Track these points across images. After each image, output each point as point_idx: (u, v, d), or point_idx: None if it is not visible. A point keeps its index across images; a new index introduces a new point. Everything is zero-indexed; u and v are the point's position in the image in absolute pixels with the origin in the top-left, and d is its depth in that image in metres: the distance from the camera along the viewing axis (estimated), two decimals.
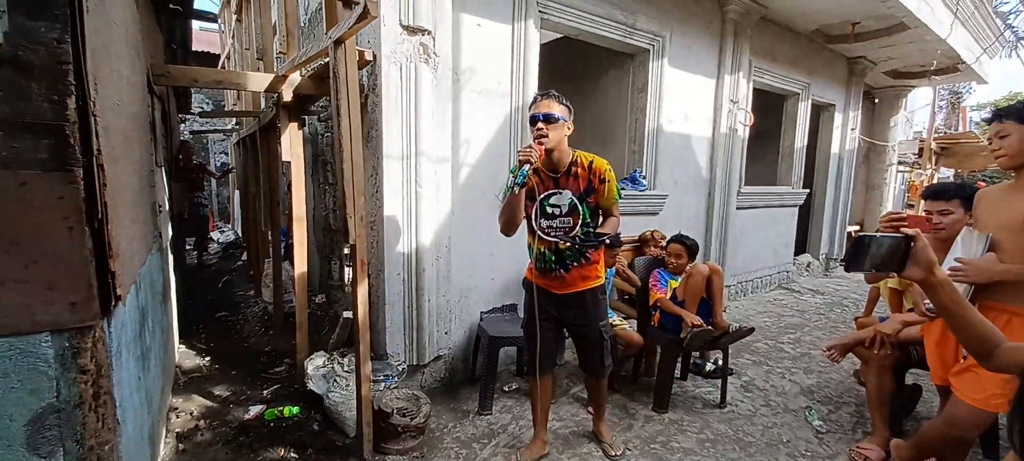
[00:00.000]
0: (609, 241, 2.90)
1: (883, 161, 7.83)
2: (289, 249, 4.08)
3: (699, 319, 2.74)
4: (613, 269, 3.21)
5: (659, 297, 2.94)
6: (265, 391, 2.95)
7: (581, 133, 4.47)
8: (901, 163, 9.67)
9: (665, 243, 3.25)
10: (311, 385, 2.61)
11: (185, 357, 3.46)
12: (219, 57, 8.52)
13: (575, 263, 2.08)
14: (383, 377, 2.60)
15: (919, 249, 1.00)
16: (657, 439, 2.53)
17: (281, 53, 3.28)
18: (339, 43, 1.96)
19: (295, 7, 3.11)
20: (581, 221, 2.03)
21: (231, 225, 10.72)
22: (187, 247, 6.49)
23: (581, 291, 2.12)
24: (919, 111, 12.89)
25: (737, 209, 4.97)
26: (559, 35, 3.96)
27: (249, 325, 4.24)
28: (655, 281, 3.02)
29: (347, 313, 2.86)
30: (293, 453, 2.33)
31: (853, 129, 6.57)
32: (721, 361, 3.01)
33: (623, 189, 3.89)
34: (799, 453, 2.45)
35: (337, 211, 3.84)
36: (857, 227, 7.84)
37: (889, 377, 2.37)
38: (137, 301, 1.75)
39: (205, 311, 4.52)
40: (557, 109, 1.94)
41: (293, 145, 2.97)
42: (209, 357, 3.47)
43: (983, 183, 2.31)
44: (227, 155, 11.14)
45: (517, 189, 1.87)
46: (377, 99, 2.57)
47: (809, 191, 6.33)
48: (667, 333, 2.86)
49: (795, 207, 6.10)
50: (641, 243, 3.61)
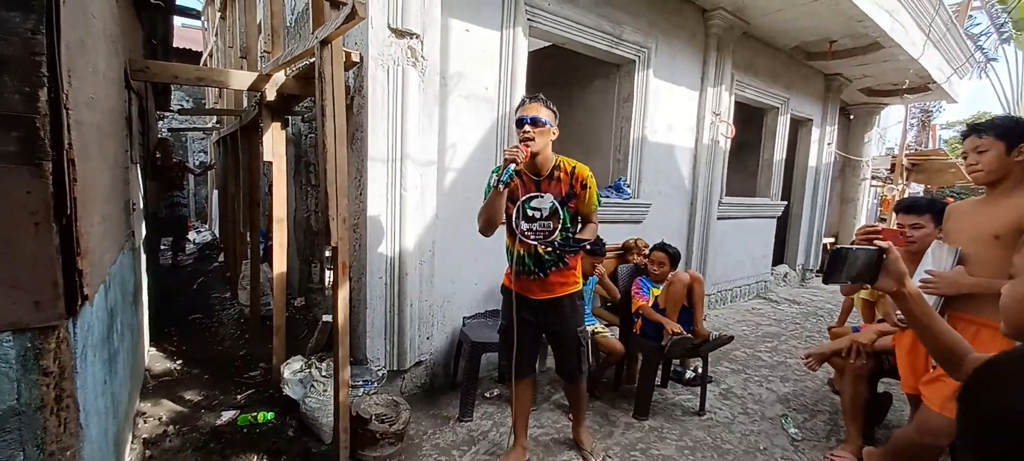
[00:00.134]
0: (590, 248, 2.93)
1: (857, 175, 8.07)
2: (268, 251, 4.00)
3: (680, 327, 2.77)
4: (595, 278, 3.23)
5: (641, 305, 2.96)
6: (239, 396, 2.88)
7: (567, 141, 4.51)
8: (874, 178, 9.98)
9: (648, 251, 3.28)
10: (287, 390, 2.55)
11: (156, 360, 3.35)
12: (201, 54, 8.36)
13: (553, 268, 2.09)
14: (362, 382, 2.56)
15: (891, 261, 1.03)
16: (637, 446, 2.54)
17: (266, 52, 3.24)
18: (326, 43, 1.94)
19: (281, 6, 3.08)
20: (561, 225, 2.04)
21: (208, 225, 10.47)
22: (162, 247, 6.31)
23: (559, 296, 2.13)
24: (892, 128, 13.36)
25: (718, 219, 5.06)
26: (547, 43, 3.99)
27: (224, 328, 4.14)
28: (637, 289, 3.05)
29: (327, 316, 2.81)
30: (267, 460, 2.27)
31: (829, 144, 6.76)
32: (701, 369, 3.04)
33: (607, 197, 3.93)
34: (775, 460, 2.49)
35: (319, 213, 3.79)
36: (832, 239, 8.06)
37: (864, 386, 2.43)
38: (106, 302, 1.69)
39: (179, 313, 4.39)
40: (544, 113, 1.95)
41: (275, 145, 2.92)
42: (181, 361, 3.36)
43: (951, 199, 2.40)
44: (206, 154, 10.91)
45: (502, 186, 1.87)
46: (363, 101, 2.55)
47: (787, 203, 6.49)
48: (648, 340, 2.88)
49: (773, 218, 6.24)
50: (624, 251, 3.64)
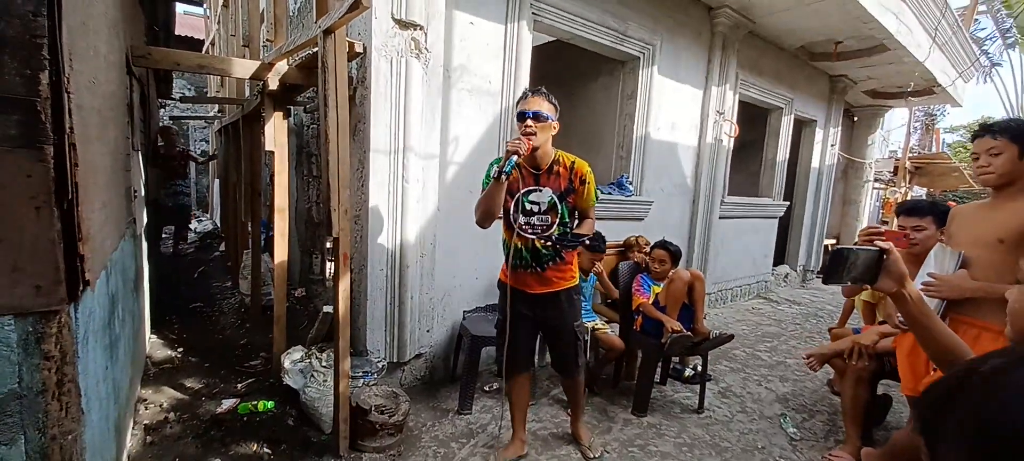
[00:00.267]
0: (590, 244, 2.93)
1: (860, 177, 8.05)
2: (269, 241, 4.00)
3: (680, 325, 2.77)
4: (594, 276, 3.22)
5: (641, 302, 2.96)
6: (239, 385, 2.88)
7: (570, 137, 4.50)
8: (877, 180, 9.96)
9: (649, 249, 3.28)
10: (287, 380, 2.56)
11: (157, 348, 3.36)
12: (203, 42, 8.33)
13: (551, 262, 2.09)
14: (362, 373, 2.56)
15: (891, 262, 1.02)
16: (635, 442, 2.54)
17: (268, 41, 3.22)
18: (329, 33, 1.93)
19: None
20: (559, 220, 2.04)
21: (209, 214, 10.47)
22: (164, 236, 6.31)
23: (557, 291, 2.13)
24: (895, 131, 13.33)
25: (720, 218, 5.05)
26: (552, 38, 3.97)
27: (225, 317, 4.15)
28: (638, 286, 3.05)
29: (327, 307, 2.81)
30: (267, 448, 2.28)
31: (833, 145, 6.74)
32: (700, 367, 3.05)
33: (610, 194, 3.92)
34: (773, 459, 2.49)
35: (321, 204, 3.78)
36: (833, 241, 8.04)
37: (865, 388, 2.43)
38: (107, 287, 1.69)
39: (179, 301, 4.40)
40: (546, 107, 1.94)
41: (277, 135, 2.91)
42: (182, 348, 3.37)
43: (954, 203, 2.39)
44: (208, 142, 10.89)
45: (504, 177, 1.86)
46: (366, 92, 2.54)
47: (789, 204, 6.48)
48: (648, 338, 2.88)
49: (775, 219, 6.23)
50: (626, 248, 3.63)
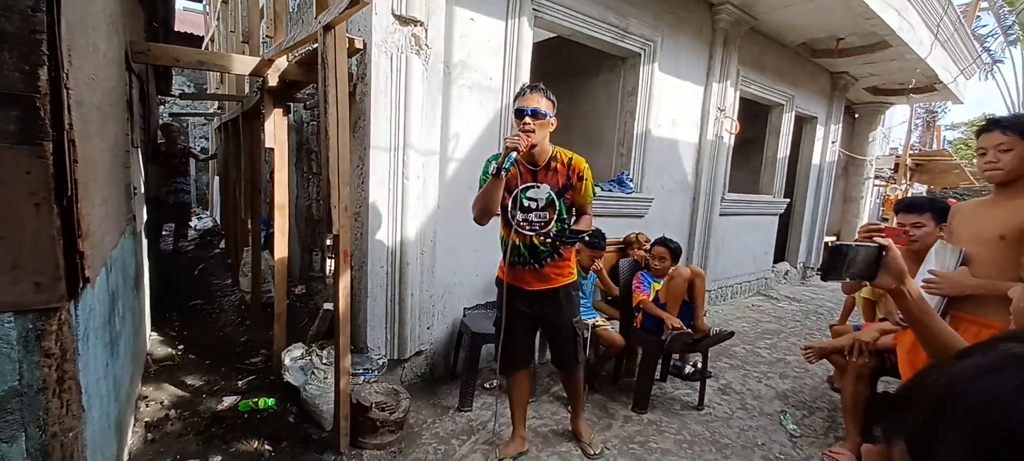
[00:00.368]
0: (590, 241, 2.93)
1: (861, 175, 8.04)
2: (269, 238, 4.00)
3: (680, 322, 2.77)
4: (595, 273, 3.22)
5: (642, 299, 2.96)
6: (240, 382, 2.88)
7: (570, 134, 4.49)
8: (878, 177, 9.96)
9: (649, 246, 3.27)
10: (288, 377, 2.56)
11: (157, 345, 3.36)
12: (203, 39, 8.31)
13: (549, 259, 2.09)
14: (362, 371, 2.57)
15: (891, 259, 1.02)
16: (636, 439, 2.55)
17: (268, 37, 3.22)
18: (329, 28, 1.92)
19: None
20: (557, 216, 2.04)
21: (209, 212, 10.46)
22: (164, 233, 6.30)
23: (555, 287, 2.13)
24: (896, 128, 13.31)
25: (720, 215, 5.04)
26: (552, 34, 3.95)
27: (225, 314, 4.15)
28: (638, 283, 3.05)
29: (327, 305, 2.81)
30: (267, 445, 2.28)
31: (834, 142, 6.73)
32: (700, 364, 3.05)
33: (610, 191, 3.91)
34: (773, 456, 2.50)
35: (321, 201, 3.78)
36: (834, 238, 8.04)
37: (865, 385, 2.43)
38: (107, 285, 1.69)
39: (180, 299, 4.40)
40: (544, 104, 1.94)
41: (277, 132, 2.90)
42: (182, 346, 3.37)
43: (954, 200, 2.39)
44: (207, 140, 10.87)
45: (503, 173, 1.86)
46: (366, 88, 2.53)
47: (790, 201, 6.47)
48: (649, 335, 2.88)
49: (776, 216, 6.22)
50: (626, 245, 3.63)
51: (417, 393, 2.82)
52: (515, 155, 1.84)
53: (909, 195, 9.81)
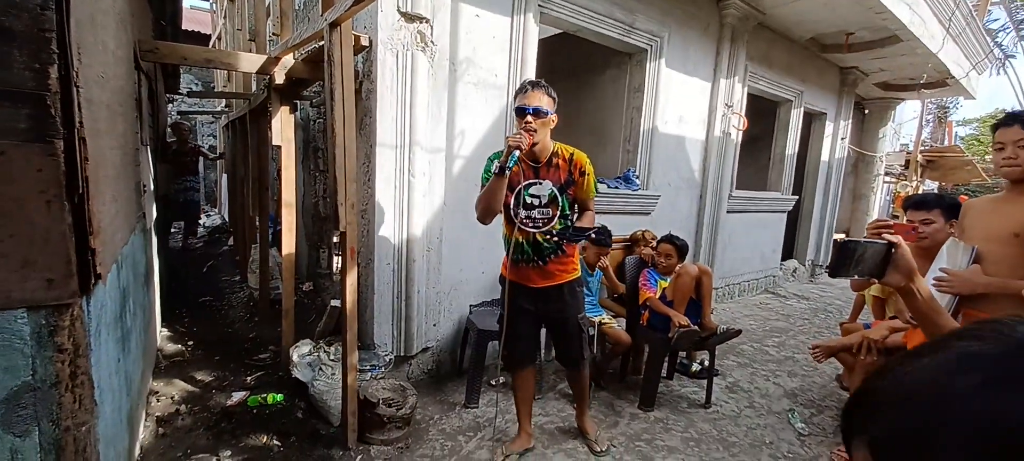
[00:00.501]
0: (597, 238, 2.92)
1: (871, 171, 7.95)
2: (277, 235, 4.02)
3: (687, 319, 2.76)
4: (601, 271, 3.21)
5: (648, 296, 2.95)
6: (249, 378, 2.91)
7: (577, 130, 4.47)
8: (888, 174, 9.83)
9: (656, 243, 3.26)
10: (296, 373, 2.58)
11: (167, 341, 3.39)
12: (210, 37, 8.36)
13: (552, 256, 2.08)
14: (370, 367, 2.58)
15: (900, 256, 1.00)
16: (642, 437, 2.54)
17: (274, 35, 3.23)
18: (335, 26, 1.93)
19: None
20: (560, 212, 2.03)
21: (218, 209, 10.55)
22: (173, 230, 6.36)
23: (559, 284, 2.13)
24: (907, 124, 13.12)
25: (728, 212, 5.01)
26: (558, 31, 3.94)
27: (234, 311, 4.18)
28: (645, 280, 3.04)
29: (335, 301, 2.83)
30: (276, 441, 2.30)
31: (843, 138, 6.65)
32: (707, 362, 3.03)
33: (616, 188, 3.90)
34: (781, 455, 2.48)
35: (327, 198, 3.80)
36: (843, 235, 7.96)
37: None
38: (118, 281, 1.70)
39: (189, 295, 4.44)
40: (545, 102, 1.93)
41: (284, 129, 2.92)
42: (192, 342, 3.41)
43: (966, 197, 2.35)
44: (215, 138, 10.95)
45: (507, 171, 1.85)
46: (372, 86, 2.54)
47: (798, 197, 6.41)
48: (655, 332, 2.87)
49: (784, 213, 6.17)
50: (632, 243, 3.61)
51: (424, 389, 2.83)
52: (518, 154, 1.84)
53: (920, 192, 9.69)
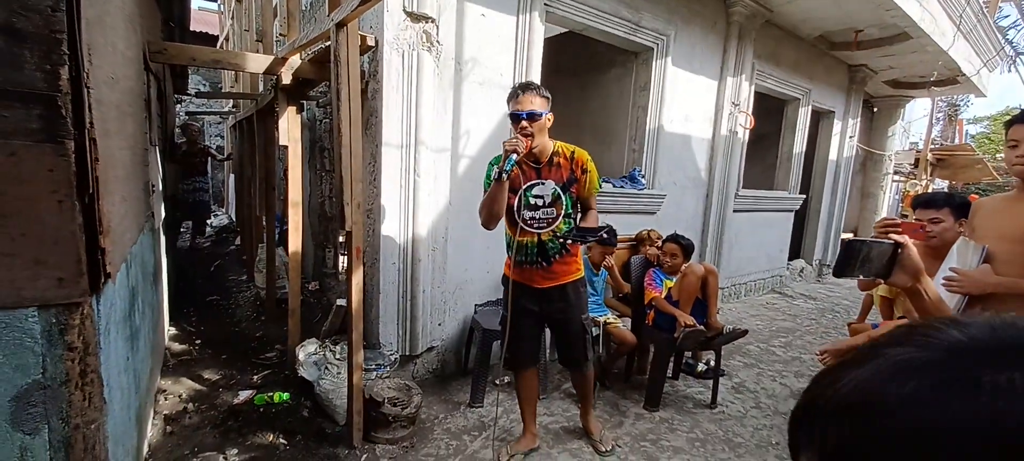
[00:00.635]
0: (603, 238, 2.91)
1: (879, 170, 7.88)
2: (283, 235, 4.05)
3: (693, 319, 2.75)
4: (606, 270, 3.20)
5: (654, 296, 2.94)
6: (255, 376, 2.93)
7: (582, 129, 4.46)
8: (897, 173, 9.74)
9: (661, 243, 3.24)
10: (302, 372, 2.60)
11: (175, 339, 3.43)
12: (218, 38, 8.42)
13: (557, 256, 2.08)
14: (375, 366, 2.59)
15: (906, 256, 0.99)
16: (647, 437, 2.53)
17: (281, 35, 3.25)
18: (341, 26, 1.93)
19: None
20: (564, 211, 2.03)
21: (225, 209, 10.63)
22: (182, 230, 6.41)
23: (563, 284, 2.12)
24: (916, 122, 13.00)
25: (734, 212, 4.97)
26: (564, 29, 3.93)
27: (241, 310, 4.21)
28: (650, 280, 3.02)
29: (341, 301, 2.84)
30: (282, 439, 2.31)
31: (851, 137, 6.59)
32: (713, 362, 3.02)
33: (622, 187, 3.88)
34: (788, 456, 2.46)
35: (334, 198, 3.81)
36: (851, 234, 7.90)
37: None
38: (127, 280, 1.72)
39: (197, 294, 4.48)
40: (538, 103, 1.92)
41: (291, 129, 2.93)
42: (199, 340, 3.44)
43: (976, 196, 2.32)
44: (223, 138, 11.03)
45: (505, 176, 1.85)
46: (378, 86, 2.54)
47: (806, 197, 6.36)
48: (661, 332, 2.86)
49: (791, 212, 6.12)
50: (637, 242, 3.60)
51: (429, 389, 2.83)
52: (515, 158, 1.84)
53: (929, 191, 9.58)
